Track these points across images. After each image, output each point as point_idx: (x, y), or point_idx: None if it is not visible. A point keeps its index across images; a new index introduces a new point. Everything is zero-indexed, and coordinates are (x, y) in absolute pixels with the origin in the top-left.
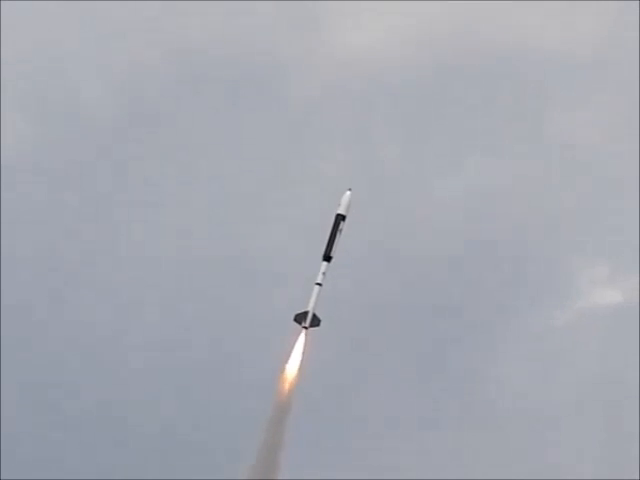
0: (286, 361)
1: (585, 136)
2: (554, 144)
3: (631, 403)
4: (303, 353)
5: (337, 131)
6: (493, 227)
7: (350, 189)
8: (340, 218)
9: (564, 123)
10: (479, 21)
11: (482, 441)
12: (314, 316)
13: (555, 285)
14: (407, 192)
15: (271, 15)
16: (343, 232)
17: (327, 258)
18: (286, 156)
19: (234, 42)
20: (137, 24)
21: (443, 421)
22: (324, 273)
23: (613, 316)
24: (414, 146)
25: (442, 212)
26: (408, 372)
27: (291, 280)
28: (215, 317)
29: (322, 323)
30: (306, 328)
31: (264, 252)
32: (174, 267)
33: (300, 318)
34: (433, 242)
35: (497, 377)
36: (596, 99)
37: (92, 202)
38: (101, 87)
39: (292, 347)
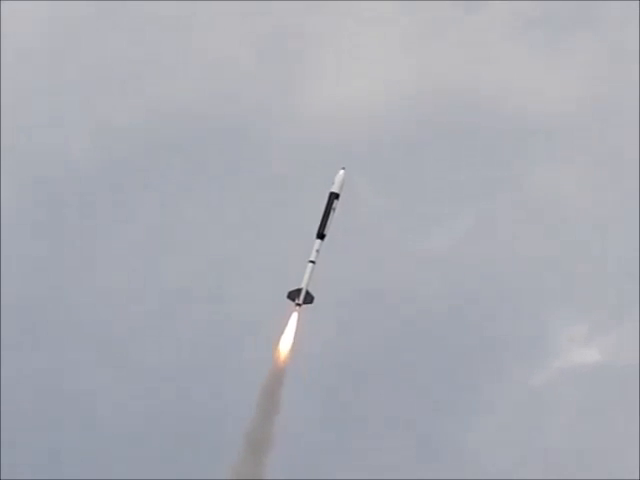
0: (279, 337)
1: (566, 194)
2: (535, 201)
3: (610, 457)
4: (296, 329)
5: (320, 185)
6: (472, 285)
7: (344, 168)
8: (334, 197)
9: (545, 181)
10: (462, 77)
11: None
12: (307, 293)
13: (533, 344)
14: (388, 245)
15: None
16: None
17: (321, 236)
18: (268, 212)
19: (215, 98)
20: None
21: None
22: (318, 251)
23: (592, 375)
24: (396, 200)
25: (422, 269)
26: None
27: None
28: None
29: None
30: (299, 305)
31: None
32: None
33: (293, 295)
34: (413, 300)
35: (474, 442)
36: (578, 157)
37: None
38: (78, 148)
39: (285, 324)
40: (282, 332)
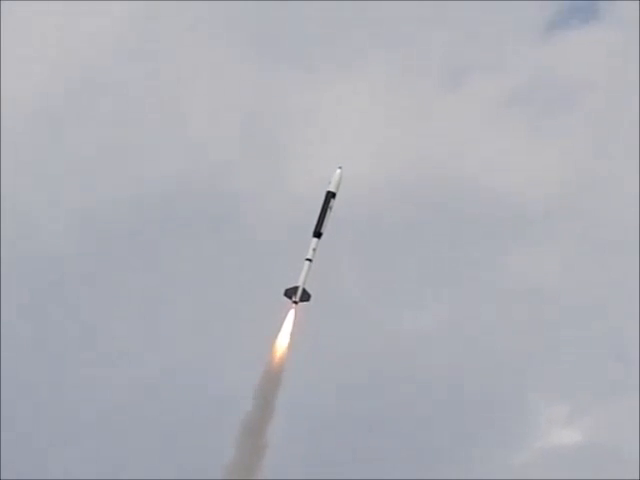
0: (277, 334)
1: (549, 276)
2: (519, 283)
3: None
4: (293, 326)
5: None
6: (454, 366)
7: (340, 167)
8: (330, 195)
9: (527, 263)
10: (444, 158)
11: None
12: (304, 291)
13: (514, 425)
14: (368, 323)
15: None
16: None
17: (317, 234)
18: (252, 292)
19: (200, 179)
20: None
21: None
22: (314, 249)
23: (573, 456)
24: (378, 279)
25: (400, 349)
26: None
27: None
28: None
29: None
30: (296, 303)
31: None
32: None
33: (290, 293)
34: (392, 380)
35: None
36: (561, 239)
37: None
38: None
39: (282, 321)
40: (279, 329)
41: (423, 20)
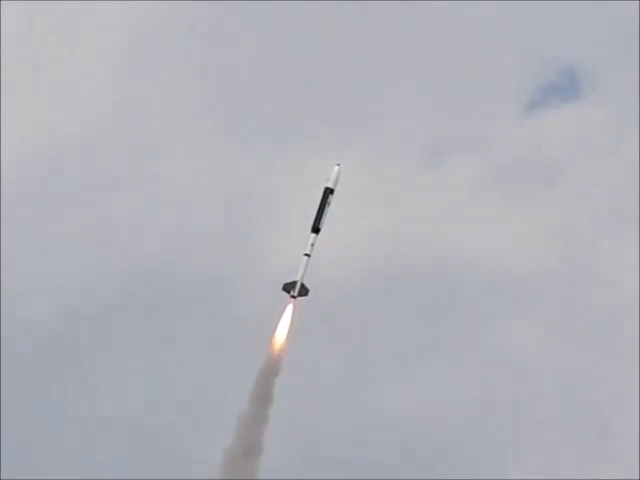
0: (275, 328)
1: (531, 350)
2: (501, 357)
3: None
4: (291, 320)
5: None
6: (437, 440)
7: (338, 164)
8: (329, 191)
9: (510, 337)
10: (426, 235)
11: None
12: (302, 286)
13: None
14: (345, 403)
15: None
16: None
17: (316, 230)
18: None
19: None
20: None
21: None
22: (312, 244)
23: None
24: (357, 355)
25: (377, 426)
26: None
27: None
28: None
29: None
30: (294, 297)
31: None
32: None
33: (289, 287)
34: (369, 454)
35: None
36: (532, 314)
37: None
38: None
39: (281, 315)
40: (277, 323)
41: (405, 107)
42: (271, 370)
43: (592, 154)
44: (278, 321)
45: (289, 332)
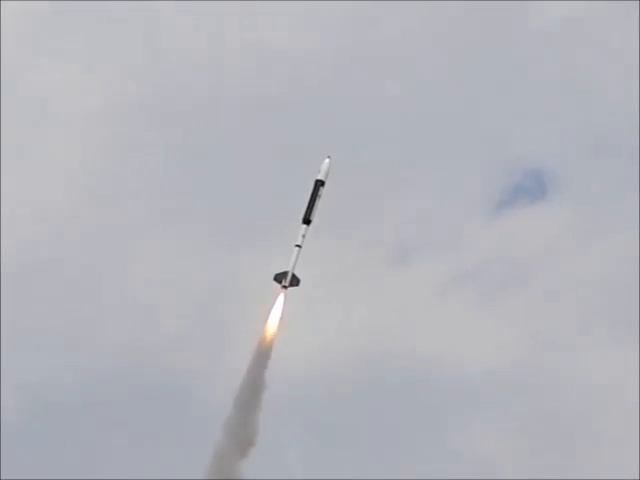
0: (267, 317)
1: (501, 453)
2: (471, 461)
3: None
4: (282, 310)
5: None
6: None
7: (329, 156)
8: (319, 184)
9: (479, 439)
10: (394, 336)
11: None
12: (293, 276)
13: None
14: None
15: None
16: None
17: (307, 221)
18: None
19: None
20: None
21: None
22: (303, 235)
23: None
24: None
25: None
26: None
27: None
28: None
29: None
30: (285, 287)
31: None
32: None
33: (280, 278)
34: None
35: None
36: (500, 416)
37: None
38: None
39: (272, 305)
40: (269, 313)
41: (373, 206)
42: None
43: (559, 255)
44: (269, 314)
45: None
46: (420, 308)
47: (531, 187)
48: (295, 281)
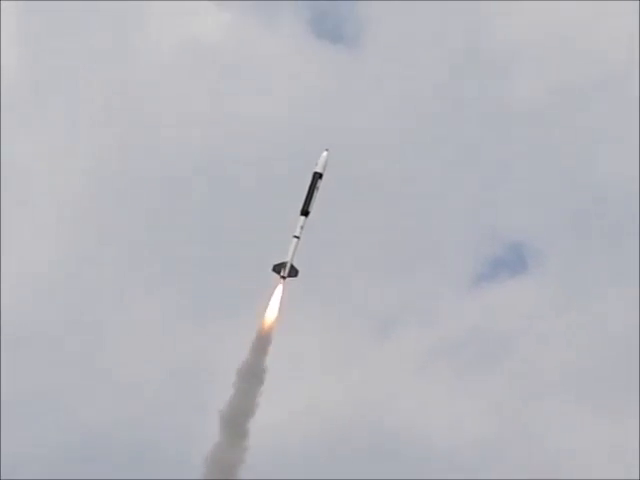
0: (265, 308)
1: None
2: None
3: None
4: (281, 300)
5: None
6: None
7: (327, 149)
8: (318, 176)
9: None
10: (370, 404)
11: None
12: (292, 267)
13: None
14: None
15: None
16: None
17: (305, 213)
18: None
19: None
20: None
21: None
22: (302, 227)
23: None
24: None
25: None
26: None
27: None
28: None
29: None
30: (284, 278)
31: None
32: None
33: (279, 268)
34: None
35: None
36: None
37: None
38: None
39: (271, 295)
40: (267, 303)
41: (354, 277)
42: None
43: (539, 329)
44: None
45: None
46: (398, 381)
47: (512, 261)
48: (293, 272)
